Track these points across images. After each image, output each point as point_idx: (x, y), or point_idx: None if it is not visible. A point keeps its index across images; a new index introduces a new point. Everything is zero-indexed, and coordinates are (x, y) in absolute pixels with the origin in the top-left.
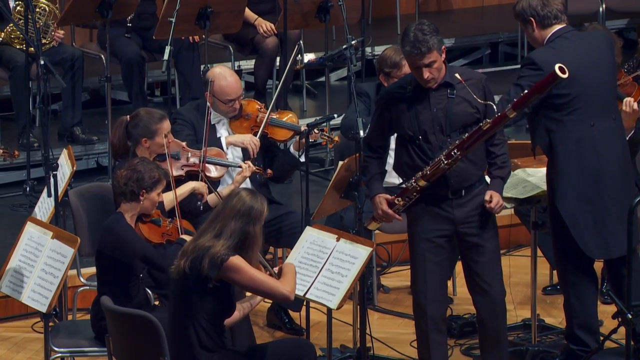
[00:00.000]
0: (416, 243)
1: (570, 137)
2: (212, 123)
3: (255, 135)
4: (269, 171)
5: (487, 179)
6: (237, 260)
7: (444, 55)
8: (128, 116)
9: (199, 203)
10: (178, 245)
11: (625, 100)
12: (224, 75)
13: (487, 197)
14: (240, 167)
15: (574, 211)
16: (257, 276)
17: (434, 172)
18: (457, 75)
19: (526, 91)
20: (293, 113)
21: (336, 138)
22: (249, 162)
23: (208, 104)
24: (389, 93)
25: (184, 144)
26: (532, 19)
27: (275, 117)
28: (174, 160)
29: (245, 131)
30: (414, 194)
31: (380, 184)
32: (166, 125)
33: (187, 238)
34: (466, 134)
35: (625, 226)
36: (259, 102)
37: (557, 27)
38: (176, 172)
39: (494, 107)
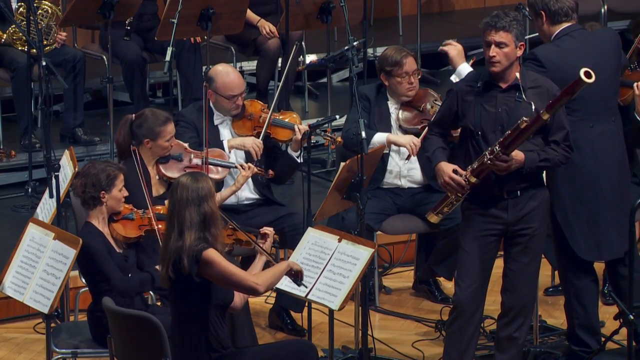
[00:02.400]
0: (466, 241)
1: None
2: (215, 124)
3: (258, 136)
4: (270, 172)
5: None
6: (211, 253)
7: (519, 52)
8: (133, 115)
9: None
10: (147, 275)
11: (635, 84)
12: (226, 72)
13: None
14: (242, 167)
15: (567, 210)
16: (229, 269)
17: (480, 166)
18: (528, 80)
19: (557, 95)
20: (296, 114)
21: (339, 139)
22: (250, 164)
23: (210, 103)
24: (459, 87)
25: (186, 145)
26: (542, 12)
27: (277, 117)
28: (177, 161)
29: (248, 131)
30: (466, 189)
31: (443, 154)
32: (170, 128)
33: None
34: (508, 131)
35: (620, 230)
36: (261, 103)
37: (565, 25)
38: (179, 174)
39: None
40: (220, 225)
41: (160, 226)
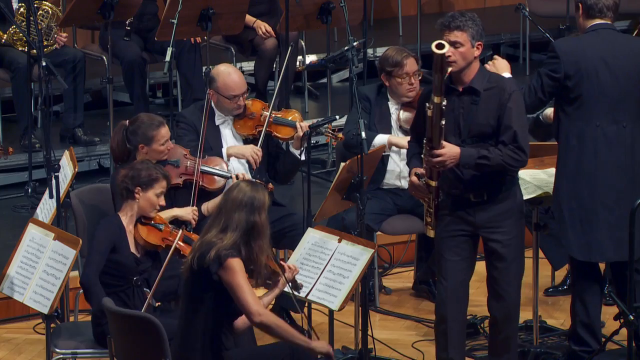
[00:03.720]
0: (438, 242)
1: (573, 130)
2: (216, 124)
3: (260, 134)
4: (270, 185)
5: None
6: (235, 263)
7: (477, 51)
8: (127, 121)
9: (187, 228)
10: (105, 299)
11: None
12: (227, 72)
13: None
14: (237, 178)
15: (562, 205)
16: (242, 285)
17: (426, 165)
18: (485, 81)
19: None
20: (297, 112)
21: (340, 135)
22: (247, 174)
23: (212, 103)
24: (425, 92)
25: (186, 152)
26: (580, 4)
27: (278, 115)
28: (174, 167)
29: (249, 130)
30: (427, 193)
31: (417, 160)
32: (164, 132)
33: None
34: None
35: (615, 235)
36: (262, 102)
37: (598, 21)
38: (174, 180)
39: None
40: (267, 236)
41: (181, 244)
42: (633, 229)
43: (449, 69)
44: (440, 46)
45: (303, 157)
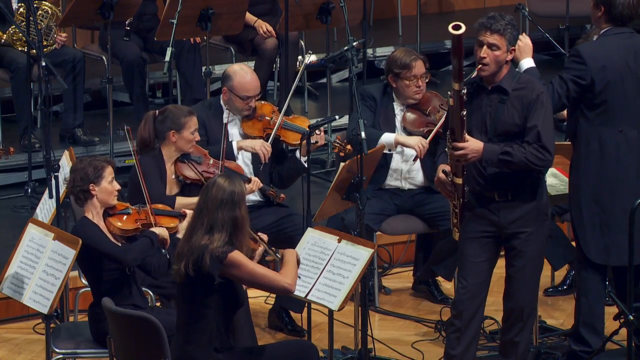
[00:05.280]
0: (462, 243)
1: (595, 136)
2: (224, 122)
3: (268, 137)
4: (282, 195)
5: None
6: (236, 255)
7: (509, 56)
8: (156, 110)
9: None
10: (145, 239)
11: None
12: (244, 72)
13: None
14: (250, 180)
15: (582, 209)
16: (257, 270)
17: (450, 159)
18: (515, 82)
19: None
20: (307, 119)
21: (349, 147)
22: (257, 178)
23: (221, 100)
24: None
25: (206, 152)
26: (603, 7)
27: (288, 121)
28: (196, 164)
29: (257, 132)
30: (454, 191)
31: (446, 157)
32: (194, 121)
33: (158, 231)
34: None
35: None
36: (272, 105)
37: (618, 27)
38: (196, 176)
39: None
40: (248, 224)
41: (159, 222)
42: (633, 229)
43: (481, 73)
44: (457, 27)
45: (308, 165)
